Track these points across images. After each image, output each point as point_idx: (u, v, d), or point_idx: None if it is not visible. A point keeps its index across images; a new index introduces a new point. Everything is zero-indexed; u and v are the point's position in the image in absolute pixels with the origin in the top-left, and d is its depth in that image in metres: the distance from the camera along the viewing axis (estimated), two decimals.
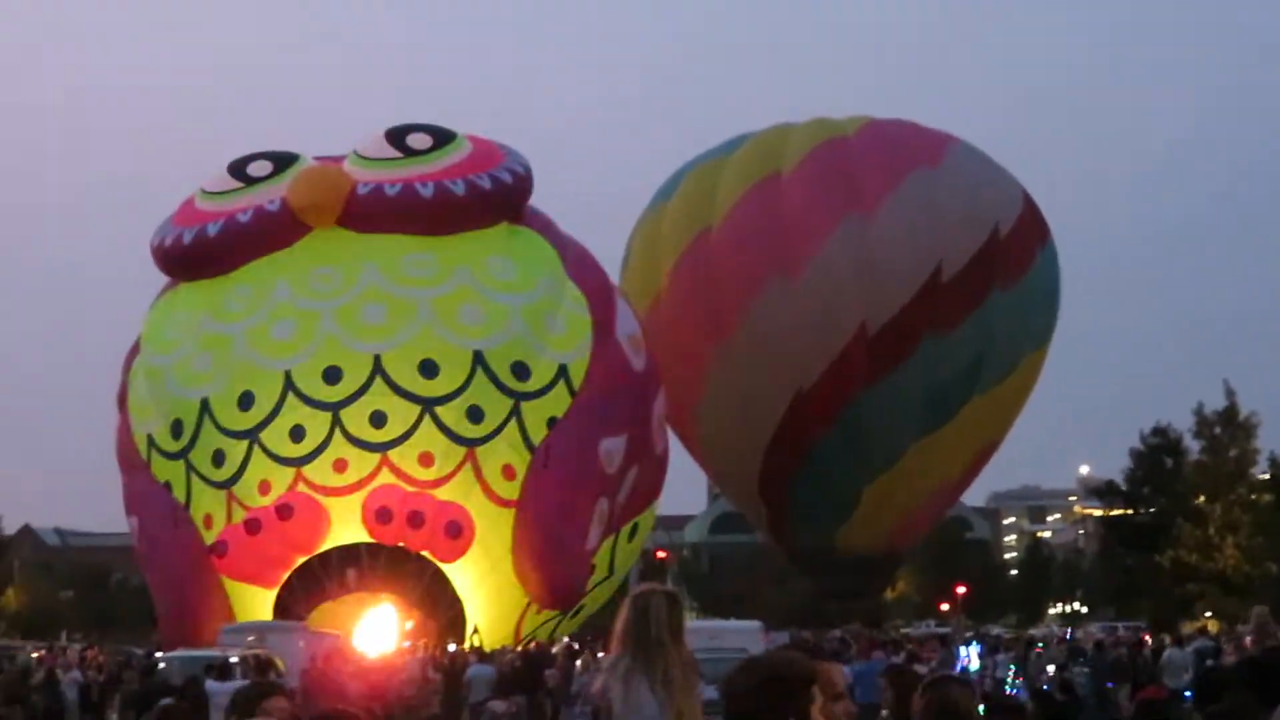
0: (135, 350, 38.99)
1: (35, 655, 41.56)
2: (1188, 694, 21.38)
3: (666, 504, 44.08)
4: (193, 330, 36.93)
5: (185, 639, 31.88)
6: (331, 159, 38.72)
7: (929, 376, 43.99)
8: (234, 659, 26.07)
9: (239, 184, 38.00)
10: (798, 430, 44.84)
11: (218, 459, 35.65)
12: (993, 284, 44.59)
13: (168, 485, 36.50)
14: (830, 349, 43.86)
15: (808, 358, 43.82)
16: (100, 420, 40.11)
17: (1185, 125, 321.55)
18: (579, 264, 38.46)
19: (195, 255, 37.12)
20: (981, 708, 5.16)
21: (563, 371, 36.48)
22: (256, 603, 34.51)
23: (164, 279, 39.02)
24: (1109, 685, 27.09)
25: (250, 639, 29.72)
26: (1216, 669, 14.41)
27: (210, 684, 21.27)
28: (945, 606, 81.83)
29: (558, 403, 36.17)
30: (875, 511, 46.42)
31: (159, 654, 30.59)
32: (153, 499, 36.70)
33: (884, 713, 6.64)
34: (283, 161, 38.33)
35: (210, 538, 34.86)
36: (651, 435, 38.79)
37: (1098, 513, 67.05)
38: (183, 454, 36.24)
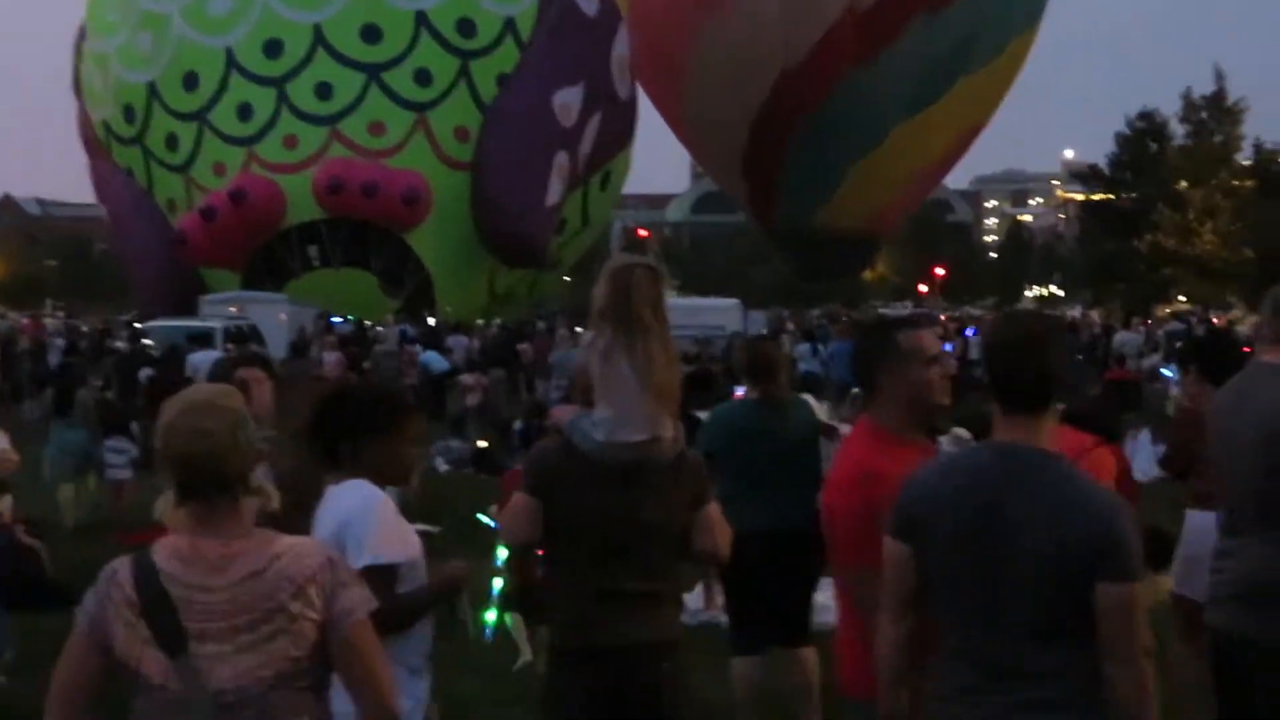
0: (83, 34, 38.41)
1: (22, 322, 41.83)
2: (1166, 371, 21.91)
3: (648, 183, 44.14)
4: (131, 11, 36.26)
5: (164, 312, 32.04)
6: None
7: (918, 56, 43.34)
8: (216, 327, 26.32)
9: None
10: (784, 108, 44.39)
11: (170, 142, 35.56)
12: None
13: (129, 171, 36.56)
14: (819, 26, 43.10)
15: (796, 35, 43.07)
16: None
17: None
18: None
19: None
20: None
21: (510, 25, 35.97)
22: (225, 283, 34.69)
23: None
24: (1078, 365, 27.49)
25: (231, 309, 29.91)
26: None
27: (192, 355, 21.34)
28: (924, 288, 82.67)
29: (506, 58, 35.79)
30: (858, 191, 46.39)
31: (140, 324, 30.70)
32: (117, 186, 36.89)
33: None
34: None
35: (175, 221, 34.90)
36: (611, 81, 38.08)
37: (1079, 197, 66.99)
38: (137, 140, 36.22)
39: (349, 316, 31.46)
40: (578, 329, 23.80)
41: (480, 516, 5.32)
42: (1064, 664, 3.41)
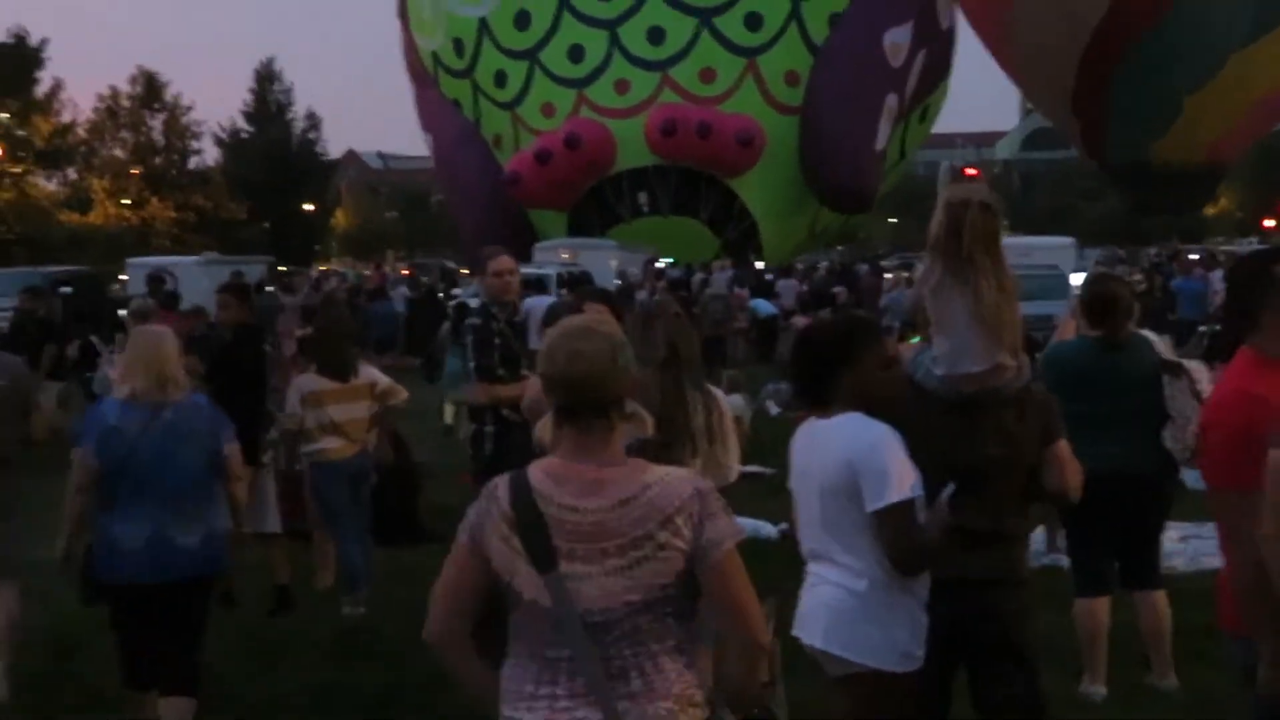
0: None
1: (366, 273, 43.64)
2: None
3: (976, 120, 43.49)
4: None
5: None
6: None
7: None
8: (549, 274, 26.95)
9: None
10: (1117, 33, 42.63)
11: (499, 79, 36.28)
12: None
13: (457, 103, 37.45)
14: None
15: None
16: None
17: None
18: None
19: None
20: None
21: None
22: (551, 224, 35.38)
23: None
24: None
25: (564, 255, 30.59)
26: None
27: (527, 300, 21.86)
28: (1270, 222, 78.94)
29: None
30: (1197, 121, 44.35)
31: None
32: (444, 116, 37.76)
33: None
34: None
35: (502, 158, 35.68)
36: (936, 13, 37.47)
37: None
38: (467, 73, 37.03)
39: (675, 260, 31.79)
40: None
41: None
42: None
